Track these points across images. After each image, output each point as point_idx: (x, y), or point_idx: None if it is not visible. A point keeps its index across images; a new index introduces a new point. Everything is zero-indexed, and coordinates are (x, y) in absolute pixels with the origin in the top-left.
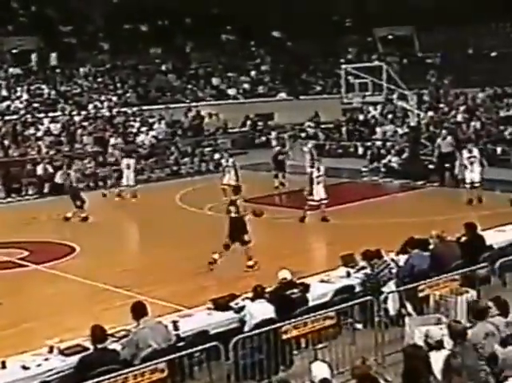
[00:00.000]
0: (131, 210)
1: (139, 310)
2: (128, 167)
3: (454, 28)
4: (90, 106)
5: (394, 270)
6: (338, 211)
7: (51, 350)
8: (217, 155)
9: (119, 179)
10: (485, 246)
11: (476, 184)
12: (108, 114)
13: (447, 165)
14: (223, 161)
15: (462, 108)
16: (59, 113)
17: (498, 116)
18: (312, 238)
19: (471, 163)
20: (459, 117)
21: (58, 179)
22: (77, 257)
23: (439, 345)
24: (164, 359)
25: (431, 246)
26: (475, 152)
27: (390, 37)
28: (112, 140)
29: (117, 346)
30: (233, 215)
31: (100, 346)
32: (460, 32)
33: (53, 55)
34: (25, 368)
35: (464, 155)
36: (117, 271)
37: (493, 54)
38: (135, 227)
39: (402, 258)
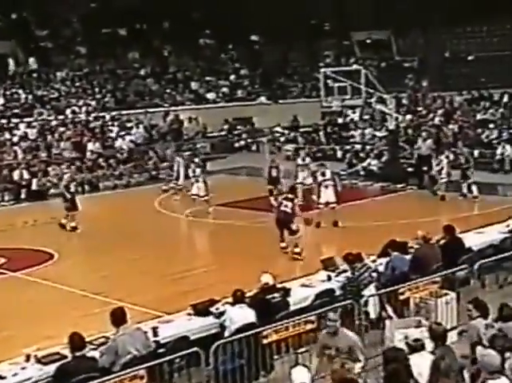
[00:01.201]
0: (109, 215)
1: (118, 317)
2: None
3: (432, 31)
4: (68, 111)
5: (374, 274)
6: (316, 215)
7: (28, 359)
8: (192, 166)
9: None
10: (464, 249)
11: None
12: (85, 119)
13: (424, 168)
14: (190, 171)
15: (439, 112)
16: (36, 118)
17: (475, 120)
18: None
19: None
20: (437, 120)
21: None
22: (55, 263)
23: (420, 348)
24: (144, 366)
25: (415, 247)
26: (451, 157)
27: (368, 40)
28: (90, 145)
29: (96, 354)
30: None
31: (78, 354)
32: (437, 35)
33: (32, 59)
34: (1, 377)
35: (444, 161)
36: (96, 277)
37: (469, 58)
38: (114, 232)
39: (382, 261)
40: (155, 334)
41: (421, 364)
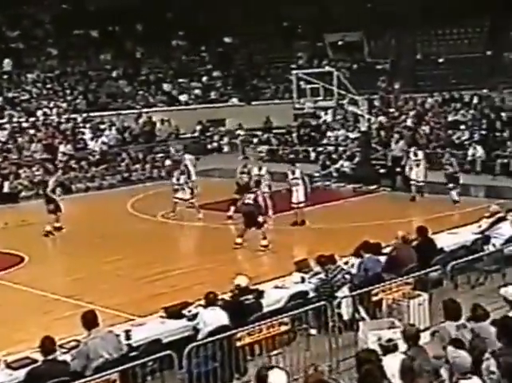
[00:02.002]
0: (81, 218)
1: (89, 320)
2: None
3: (404, 34)
4: (39, 113)
5: (348, 276)
6: (289, 216)
7: None
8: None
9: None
10: (436, 250)
11: (420, 183)
12: (57, 121)
13: (398, 169)
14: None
15: (411, 113)
16: (6, 120)
17: (447, 121)
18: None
19: (417, 165)
20: (409, 122)
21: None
22: (26, 266)
23: (393, 349)
24: (116, 369)
25: (392, 247)
26: (420, 155)
27: (340, 42)
28: (62, 147)
29: (67, 357)
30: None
31: (49, 358)
32: (409, 38)
33: (7, 61)
34: None
35: (411, 158)
36: (67, 280)
37: (440, 60)
38: (85, 234)
39: (355, 262)
40: (128, 337)
41: (394, 365)
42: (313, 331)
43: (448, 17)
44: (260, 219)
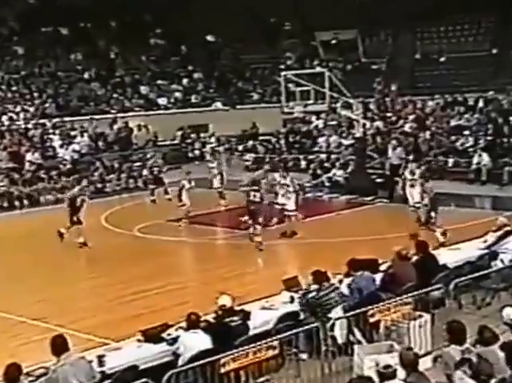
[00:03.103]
0: (50, 232)
1: (59, 345)
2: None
3: (401, 31)
4: (4, 118)
5: (345, 292)
6: (279, 230)
7: None
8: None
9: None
10: (438, 266)
11: (417, 205)
12: (24, 126)
13: (396, 179)
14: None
15: (410, 118)
16: None
17: (449, 126)
18: (252, 260)
19: (411, 186)
20: (408, 127)
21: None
22: None
23: (391, 375)
24: None
25: (388, 264)
26: (417, 173)
27: (333, 41)
28: (29, 156)
29: None
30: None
31: None
32: (407, 35)
33: None
34: None
35: (407, 176)
36: (34, 301)
37: (442, 59)
38: (54, 250)
39: (345, 282)
40: (101, 364)
41: None
42: (304, 356)
43: (451, 11)
44: (260, 219)
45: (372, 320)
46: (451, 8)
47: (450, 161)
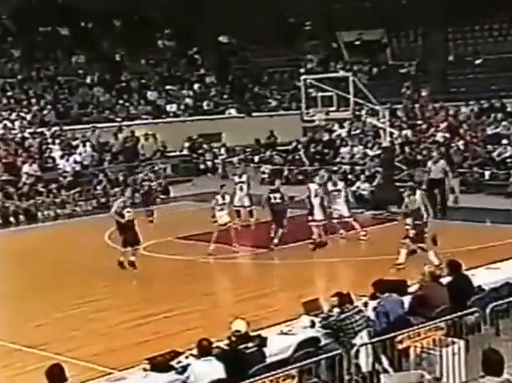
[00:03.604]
0: (48, 251)
1: (55, 375)
2: (241, 188)
3: (432, 30)
4: None
5: (371, 316)
6: (298, 249)
7: None
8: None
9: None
10: (473, 288)
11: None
12: (20, 135)
13: (436, 191)
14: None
15: (442, 125)
16: None
17: (485, 135)
18: (268, 280)
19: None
20: (439, 136)
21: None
22: None
23: None
24: None
25: (419, 285)
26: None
27: (357, 42)
28: (26, 167)
29: None
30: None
31: None
32: (439, 35)
33: None
34: None
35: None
36: (30, 327)
37: (478, 61)
38: (53, 272)
39: (372, 305)
40: None
41: None
42: None
43: (487, 9)
44: (285, 221)
45: (400, 347)
46: (488, 5)
47: (487, 173)
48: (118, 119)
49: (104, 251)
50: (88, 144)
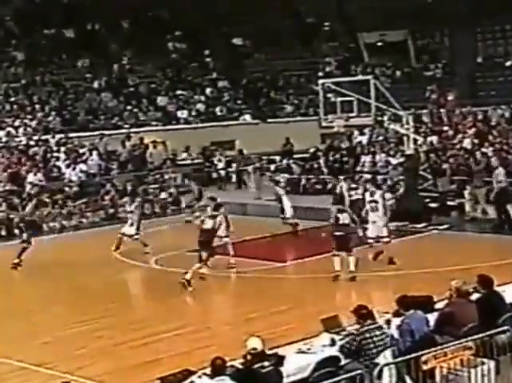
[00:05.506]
0: (53, 265)
1: None
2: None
3: (459, 30)
4: (1, 133)
5: (395, 334)
6: (317, 262)
7: None
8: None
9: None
10: (504, 305)
11: None
12: (24, 143)
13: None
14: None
15: (470, 132)
16: None
17: None
18: (286, 296)
19: None
20: (467, 143)
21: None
22: None
23: None
24: None
25: (444, 303)
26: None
27: (379, 43)
28: (30, 177)
29: None
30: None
31: None
32: (466, 35)
33: None
34: None
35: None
36: (36, 344)
37: (508, 63)
38: (59, 287)
39: (396, 323)
40: None
41: None
42: None
43: None
44: (352, 243)
45: (425, 367)
46: None
47: None
48: (126, 126)
49: (112, 265)
50: (94, 152)
